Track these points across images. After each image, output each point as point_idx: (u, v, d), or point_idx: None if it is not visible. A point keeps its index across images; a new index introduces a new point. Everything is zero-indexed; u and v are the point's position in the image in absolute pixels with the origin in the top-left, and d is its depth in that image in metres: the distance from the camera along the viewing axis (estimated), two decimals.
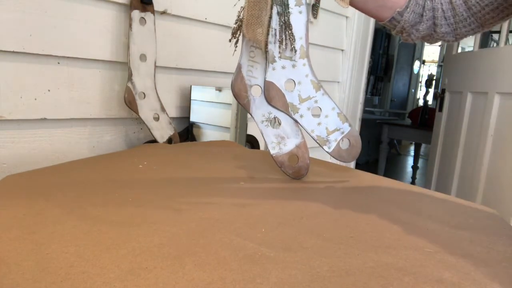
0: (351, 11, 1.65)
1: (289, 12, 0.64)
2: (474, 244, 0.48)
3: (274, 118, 0.71)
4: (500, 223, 0.56)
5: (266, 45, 0.65)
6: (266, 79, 0.68)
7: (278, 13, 0.64)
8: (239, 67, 0.69)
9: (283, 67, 0.68)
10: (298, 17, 0.65)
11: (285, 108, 0.70)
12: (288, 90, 0.69)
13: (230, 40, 0.66)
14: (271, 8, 0.63)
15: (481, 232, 0.52)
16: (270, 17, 0.64)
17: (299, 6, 0.65)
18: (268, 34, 0.64)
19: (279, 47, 0.65)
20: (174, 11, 1.03)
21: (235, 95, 0.70)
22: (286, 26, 0.64)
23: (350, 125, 0.71)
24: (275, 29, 0.65)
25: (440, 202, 0.67)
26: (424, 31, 0.61)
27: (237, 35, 0.66)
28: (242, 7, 0.64)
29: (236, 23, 0.65)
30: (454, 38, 0.61)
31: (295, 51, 0.66)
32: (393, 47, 5.06)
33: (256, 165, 0.84)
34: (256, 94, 0.70)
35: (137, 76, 0.94)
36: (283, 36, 0.65)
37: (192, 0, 1.07)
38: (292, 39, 0.65)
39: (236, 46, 0.67)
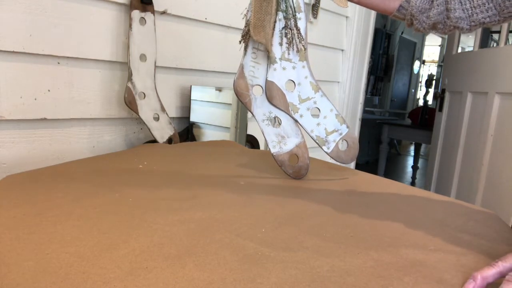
0: (351, 11, 1.65)
1: (295, 15, 0.67)
2: (474, 245, 0.48)
3: (275, 117, 0.71)
4: (500, 225, 0.56)
5: (271, 46, 0.68)
6: (268, 79, 0.70)
7: (284, 17, 0.67)
8: (241, 67, 0.70)
9: (284, 68, 0.70)
10: (298, 23, 0.68)
11: (286, 107, 0.71)
12: (288, 90, 0.70)
13: (240, 42, 0.69)
14: (276, 13, 0.66)
15: (481, 233, 0.53)
16: (275, 21, 0.67)
17: (299, 13, 0.68)
18: (272, 36, 0.67)
19: (287, 48, 0.68)
20: (174, 11, 1.03)
21: (237, 94, 0.71)
22: (294, 28, 0.67)
23: (348, 127, 0.73)
24: (280, 32, 0.68)
25: (440, 203, 0.67)
26: (434, 17, 0.57)
27: (246, 38, 0.68)
28: (246, 8, 0.66)
29: (245, 26, 0.67)
30: (468, 26, 0.57)
31: (304, 50, 0.69)
32: (393, 47, 5.06)
33: (256, 164, 0.84)
34: (257, 94, 0.71)
35: (137, 76, 0.94)
36: (291, 38, 0.68)
37: (192, 0, 1.07)
38: (301, 38, 0.68)
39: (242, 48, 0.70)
